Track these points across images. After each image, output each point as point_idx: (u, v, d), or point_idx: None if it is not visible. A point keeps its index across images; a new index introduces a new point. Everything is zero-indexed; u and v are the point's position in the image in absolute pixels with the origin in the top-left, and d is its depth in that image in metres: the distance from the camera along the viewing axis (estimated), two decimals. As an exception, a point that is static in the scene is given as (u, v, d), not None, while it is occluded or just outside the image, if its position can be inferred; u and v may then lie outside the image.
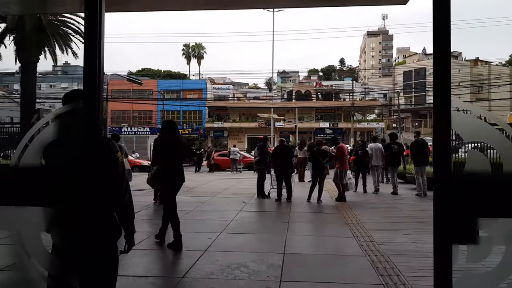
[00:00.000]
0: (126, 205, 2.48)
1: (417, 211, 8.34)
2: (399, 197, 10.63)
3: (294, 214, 7.92)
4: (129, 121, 56.53)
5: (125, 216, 2.47)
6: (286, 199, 9.58)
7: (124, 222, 2.47)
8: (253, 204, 9.22)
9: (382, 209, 8.59)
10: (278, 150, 9.82)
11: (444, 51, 2.26)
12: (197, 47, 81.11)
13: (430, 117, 72.79)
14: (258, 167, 10.25)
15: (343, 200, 9.62)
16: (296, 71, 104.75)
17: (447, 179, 2.12)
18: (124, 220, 2.47)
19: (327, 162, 9.81)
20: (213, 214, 7.75)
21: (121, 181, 2.43)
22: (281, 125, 55.16)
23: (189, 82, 61.42)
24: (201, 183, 13.83)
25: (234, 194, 10.83)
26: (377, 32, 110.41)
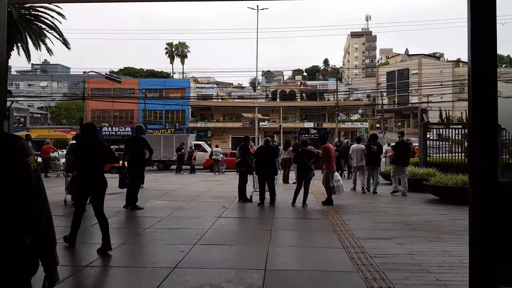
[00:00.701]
0: (44, 229, 1.77)
1: (408, 215, 7.81)
2: (387, 199, 10.12)
3: (278, 220, 7.29)
4: (110, 121, 55.09)
5: (42, 243, 1.77)
6: (269, 203, 8.94)
7: (41, 252, 1.77)
8: (233, 209, 8.55)
9: (371, 213, 8.03)
10: (261, 151, 9.17)
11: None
12: (180, 46, 79.86)
13: (413, 117, 73.39)
14: (239, 169, 9.59)
15: (329, 203, 9.05)
16: (281, 71, 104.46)
17: (490, 184, 1.59)
18: (41, 249, 1.77)
19: (313, 164, 9.22)
20: (188, 222, 7.05)
21: (34, 196, 1.72)
22: (265, 125, 54.61)
23: (172, 81, 60.30)
24: (180, 186, 13.08)
25: (214, 198, 10.14)
26: (361, 33, 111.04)
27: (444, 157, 15.09)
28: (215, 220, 7.16)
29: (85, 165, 5.12)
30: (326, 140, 9.41)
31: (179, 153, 20.14)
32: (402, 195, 10.66)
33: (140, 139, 8.40)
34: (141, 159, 8.27)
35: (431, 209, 8.63)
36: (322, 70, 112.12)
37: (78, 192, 5.29)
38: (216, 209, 8.31)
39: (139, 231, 6.42)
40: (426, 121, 14.72)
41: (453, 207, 8.76)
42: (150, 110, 53.21)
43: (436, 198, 10.02)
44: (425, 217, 7.62)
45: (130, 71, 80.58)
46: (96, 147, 5.15)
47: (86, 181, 5.10)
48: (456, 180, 9.53)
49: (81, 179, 5.17)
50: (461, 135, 16.24)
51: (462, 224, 6.96)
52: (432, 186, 9.92)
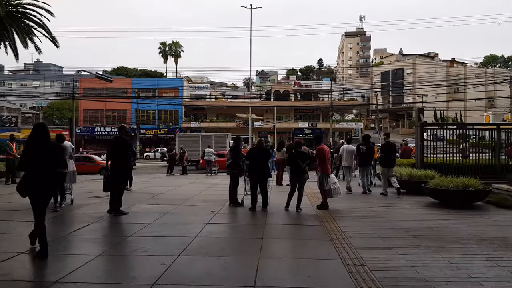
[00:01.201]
0: None
1: (408, 221, 7.38)
2: (385, 203, 9.71)
3: (270, 227, 6.83)
4: (102, 121, 54.31)
5: None
6: (262, 208, 8.49)
7: None
8: (223, 214, 8.07)
9: (368, 219, 7.59)
10: (253, 152, 8.70)
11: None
12: (174, 45, 79.14)
13: (407, 117, 73.27)
14: (230, 171, 9.11)
15: (325, 208, 8.61)
16: (275, 71, 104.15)
17: None
18: None
19: (307, 166, 8.78)
20: (174, 229, 6.57)
21: None
22: (259, 125, 54.19)
23: (165, 81, 59.62)
24: (169, 188, 12.57)
25: (204, 202, 9.66)
26: (355, 33, 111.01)
27: (442, 158, 14.75)
28: (203, 226, 6.68)
29: (32, 166, 4.90)
30: (321, 140, 8.96)
31: (170, 154, 19.62)
32: (398, 196, 10.71)
33: (123, 140, 7.90)
34: (125, 161, 7.77)
35: (431, 213, 8.22)
36: (316, 70, 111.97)
37: (25, 193, 4.95)
38: (205, 214, 7.83)
39: (120, 240, 5.93)
40: (423, 121, 14.31)
41: (454, 212, 8.37)
42: (143, 110, 52.56)
43: (435, 202, 9.63)
44: (426, 223, 7.20)
45: (124, 71, 79.71)
46: (45, 148, 4.91)
47: (31, 183, 4.88)
48: (457, 183, 9.14)
49: (28, 180, 4.90)
50: (455, 135, 15.92)
51: (466, 231, 6.56)
52: (432, 189, 9.52)
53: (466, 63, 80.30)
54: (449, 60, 79.66)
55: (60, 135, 10.12)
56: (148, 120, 54.18)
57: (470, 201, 9.26)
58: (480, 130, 16.54)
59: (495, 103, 67.64)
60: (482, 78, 64.64)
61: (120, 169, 7.68)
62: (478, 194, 9.08)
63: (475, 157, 14.59)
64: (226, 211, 8.37)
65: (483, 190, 9.08)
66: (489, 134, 15.15)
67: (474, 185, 9.08)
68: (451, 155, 14.79)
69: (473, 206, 9.12)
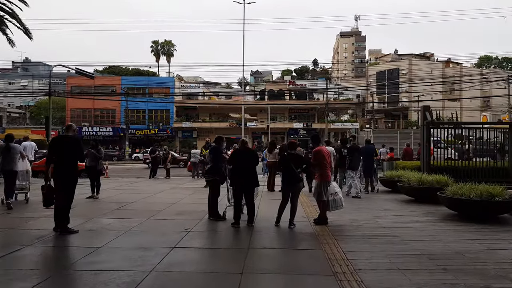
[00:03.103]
0: None
1: (428, 242, 5.87)
2: (393, 214, 8.21)
3: (255, 253, 5.28)
4: (90, 121, 52.40)
5: None
6: (247, 223, 6.94)
7: None
8: (198, 232, 6.51)
9: (379, 238, 6.08)
10: (237, 155, 7.15)
11: None
12: (166, 44, 77.36)
13: (403, 118, 72.11)
14: (209, 178, 7.56)
15: (323, 223, 7.09)
16: (270, 71, 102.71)
17: None
18: None
19: (303, 171, 7.28)
20: (127, 257, 4.99)
21: None
22: (253, 125, 52.64)
23: (156, 79, 57.80)
24: (144, 196, 10.97)
25: (179, 214, 8.09)
26: (350, 33, 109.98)
27: (449, 160, 13.31)
28: (166, 253, 5.12)
29: None
30: (319, 141, 7.42)
31: (152, 156, 17.99)
32: (354, 197, 10.63)
33: (70, 140, 6.26)
34: (71, 166, 6.15)
35: (453, 230, 6.72)
36: (311, 70, 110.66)
37: None
38: (175, 233, 6.27)
39: (49, 275, 4.36)
40: (430, 120, 12.80)
41: (479, 227, 6.89)
42: (133, 110, 50.75)
43: (453, 213, 8.15)
44: (453, 245, 5.69)
45: (115, 69, 77.80)
46: None
47: None
48: (480, 191, 7.65)
49: None
50: (452, 136, 14.53)
51: (507, 257, 5.07)
52: (450, 199, 8.02)
53: (461, 63, 79.40)
54: (445, 60, 78.65)
55: (8, 135, 8.74)
56: (138, 120, 52.39)
57: (496, 214, 7.80)
58: (488, 130, 15.12)
59: (491, 103, 66.71)
60: (478, 78, 63.62)
61: (65, 175, 6.06)
62: (507, 205, 7.60)
63: (484, 159, 13.24)
64: (202, 228, 6.80)
65: None
66: (487, 134, 13.85)
67: (501, 194, 7.61)
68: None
69: (498, 219, 7.66)
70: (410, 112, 68.37)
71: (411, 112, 67.67)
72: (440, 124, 13.98)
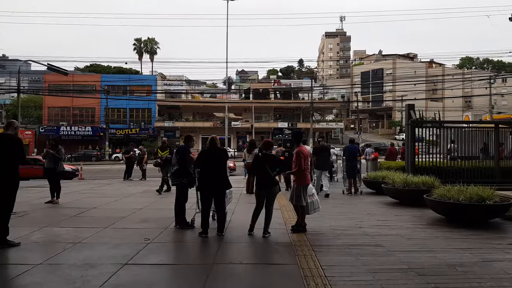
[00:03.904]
0: None
1: (416, 252, 5.25)
2: (378, 219, 7.60)
3: (219, 270, 4.56)
4: (69, 120, 50.77)
5: None
6: (217, 232, 6.21)
7: None
8: (159, 244, 5.74)
9: (361, 249, 5.42)
10: (205, 155, 6.40)
11: None
12: (149, 42, 76.04)
13: (387, 118, 72.39)
14: (176, 181, 6.81)
15: (301, 230, 6.42)
16: (255, 71, 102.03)
17: None
18: None
19: (279, 173, 6.60)
20: (65, 277, 4.20)
21: None
22: (238, 125, 51.86)
23: (137, 77, 56.44)
24: (110, 200, 10.12)
25: (143, 222, 7.31)
26: (335, 33, 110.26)
27: (433, 160, 12.79)
28: (114, 271, 4.36)
29: None
30: (301, 139, 6.72)
31: (127, 156, 17.10)
32: (325, 197, 10.50)
33: (5, 139, 5.41)
34: (7, 169, 5.31)
35: (442, 238, 6.13)
36: (297, 70, 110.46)
37: None
38: (132, 245, 5.51)
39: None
40: (415, 119, 12.28)
41: (470, 234, 6.33)
42: (113, 108, 49.36)
43: (441, 217, 7.60)
44: (442, 255, 5.08)
45: (97, 68, 75.91)
46: None
47: None
48: (470, 194, 7.09)
49: None
50: (435, 135, 14.11)
51: (503, 270, 4.49)
52: (437, 202, 7.46)
53: (444, 64, 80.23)
54: (428, 61, 79.38)
55: None
56: (119, 119, 51.03)
57: (487, 218, 7.26)
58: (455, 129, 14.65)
59: (472, 103, 67.50)
60: (460, 78, 64.29)
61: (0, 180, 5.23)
62: (498, 209, 7.06)
63: (469, 159, 12.82)
64: (165, 239, 6.04)
65: (503, 204, 7.07)
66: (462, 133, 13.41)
67: (491, 197, 7.07)
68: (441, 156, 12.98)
69: (489, 224, 7.12)
70: (394, 112, 68.71)
71: (395, 112, 67.97)
72: (426, 123, 13.45)
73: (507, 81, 59.90)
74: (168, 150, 12.14)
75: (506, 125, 15.57)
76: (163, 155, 12.14)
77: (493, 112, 47.58)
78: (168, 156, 11.71)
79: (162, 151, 12.37)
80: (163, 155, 12.09)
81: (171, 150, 12.00)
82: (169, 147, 12.52)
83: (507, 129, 13.93)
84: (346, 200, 10.42)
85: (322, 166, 11.15)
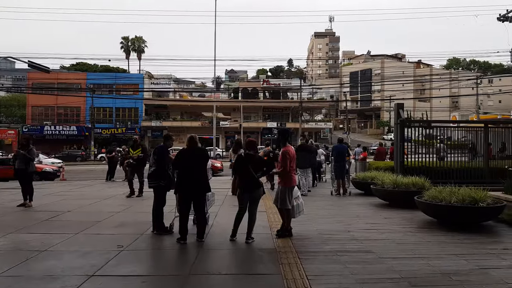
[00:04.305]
0: None
1: (409, 259, 4.93)
2: (366, 222, 7.28)
3: (195, 281, 4.16)
4: (53, 119, 49.63)
5: None
6: (197, 238, 5.81)
7: None
8: (132, 251, 5.31)
9: (349, 256, 5.08)
10: (183, 155, 5.97)
11: None
12: (137, 40, 75.07)
13: (375, 118, 72.64)
14: (153, 183, 6.38)
15: (287, 235, 6.05)
16: (245, 70, 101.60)
17: None
18: None
19: (263, 175, 6.22)
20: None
21: None
22: (226, 125, 51.37)
23: (124, 76, 55.53)
24: (89, 202, 9.63)
25: (119, 226, 6.87)
26: (324, 34, 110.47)
27: (423, 160, 12.55)
28: (77, 285, 3.91)
29: None
30: (287, 138, 6.34)
31: (109, 156, 16.54)
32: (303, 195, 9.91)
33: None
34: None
35: (435, 242, 5.82)
36: (286, 70, 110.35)
37: None
38: (103, 253, 5.07)
39: None
40: (404, 118, 12.02)
41: (463, 238, 6.04)
42: (99, 107, 48.40)
43: (431, 220, 7.32)
44: (436, 262, 4.76)
45: (83, 66, 74.59)
46: None
47: None
48: (462, 196, 6.82)
49: None
50: (423, 135, 13.93)
51: (501, 279, 4.18)
52: (428, 205, 7.16)
53: (432, 64, 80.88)
54: (416, 62, 79.95)
55: None
56: (105, 118, 50.10)
57: (480, 221, 6.99)
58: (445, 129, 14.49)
59: (459, 104, 68.15)
60: (447, 78, 64.87)
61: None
62: (492, 211, 6.79)
63: (458, 159, 12.65)
64: (140, 245, 5.61)
65: (497, 207, 6.80)
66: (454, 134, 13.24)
67: (484, 199, 6.80)
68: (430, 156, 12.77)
69: (483, 227, 6.86)
70: (382, 112, 68.98)
71: (383, 112, 68.25)
72: (415, 123, 13.21)
73: (493, 82, 60.54)
74: (140, 149, 11.13)
75: (496, 125, 15.41)
76: (134, 154, 11.03)
77: (479, 112, 47.89)
78: (140, 155, 10.95)
79: (133, 150, 11.12)
80: (135, 155, 11.01)
81: (144, 149, 11.31)
82: (141, 146, 11.53)
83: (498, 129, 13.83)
84: (335, 202, 10.10)
85: (300, 164, 11.12)
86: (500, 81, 59.16)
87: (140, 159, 10.89)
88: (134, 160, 11.03)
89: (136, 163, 11.02)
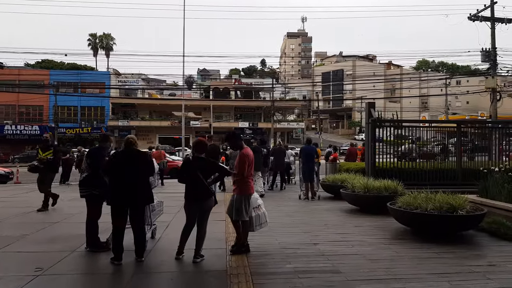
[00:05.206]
0: None
1: (381, 282, 4.18)
2: (333, 230, 6.55)
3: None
4: (14, 118, 46.95)
5: None
6: (135, 257, 4.87)
7: None
8: (53, 276, 4.32)
9: (314, 277, 4.30)
10: (116, 159, 4.99)
11: None
12: (105, 37, 72.59)
13: (347, 118, 73.13)
14: (85, 192, 5.38)
15: (244, 251, 5.20)
16: (217, 70, 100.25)
17: None
18: None
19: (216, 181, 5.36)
20: None
21: None
22: (197, 125, 50.13)
23: (89, 73, 53.28)
24: (27, 210, 8.44)
25: (48, 242, 5.82)
26: (297, 34, 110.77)
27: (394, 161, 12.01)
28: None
29: None
30: (238, 138, 5.51)
31: (64, 158, 15.23)
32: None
33: None
34: None
35: (411, 258, 5.12)
36: (259, 70, 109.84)
37: None
38: (16, 279, 4.06)
39: None
40: (376, 117, 11.41)
41: (443, 252, 5.37)
42: (63, 106, 46.13)
43: (405, 228, 6.67)
44: (415, 286, 4.05)
45: (49, 64, 71.21)
46: None
47: None
48: (439, 202, 6.18)
49: None
50: (393, 135, 13.47)
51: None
52: (402, 212, 6.49)
53: (402, 66, 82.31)
54: (387, 63, 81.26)
55: None
56: (69, 117, 47.84)
57: (459, 231, 6.38)
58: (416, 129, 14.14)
59: (428, 104, 69.54)
60: (417, 78, 66.08)
61: None
62: (472, 220, 6.18)
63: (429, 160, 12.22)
64: (64, 268, 4.61)
65: (477, 215, 6.19)
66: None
67: (463, 206, 6.19)
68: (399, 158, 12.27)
69: (462, 237, 6.24)
70: (354, 112, 69.51)
71: (355, 112, 68.75)
72: (386, 122, 12.67)
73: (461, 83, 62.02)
74: (51, 151, 8.98)
75: (469, 125, 15.13)
76: (43, 157, 8.84)
77: (448, 113, 48.79)
78: (50, 158, 8.85)
79: (43, 151, 8.93)
80: (44, 157, 8.83)
81: (56, 150, 9.33)
82: (52, 147, 9.34)
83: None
84: (302, 207, 9.35)
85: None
86: (468, 82, 60.65)
87: (50, 162, 8.88)
88: (42, 163, 8.83)
89: (44, 166, 8.84)
